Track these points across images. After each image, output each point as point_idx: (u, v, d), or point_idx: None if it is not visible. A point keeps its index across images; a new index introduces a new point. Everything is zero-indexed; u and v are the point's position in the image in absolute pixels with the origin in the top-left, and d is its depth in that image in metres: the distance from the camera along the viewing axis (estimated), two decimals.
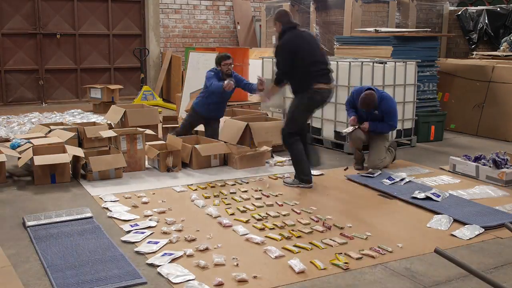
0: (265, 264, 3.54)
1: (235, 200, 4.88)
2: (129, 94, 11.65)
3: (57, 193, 5.06)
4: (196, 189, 5.20)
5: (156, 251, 3.69)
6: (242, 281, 3.27)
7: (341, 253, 3.68)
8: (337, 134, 6.96)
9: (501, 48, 9.48)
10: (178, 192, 5.12)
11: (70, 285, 3.20)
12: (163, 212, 4.52)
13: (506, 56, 8.83)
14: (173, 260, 3.54)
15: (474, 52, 9.93)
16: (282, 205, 4.76)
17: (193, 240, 3.90)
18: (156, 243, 3.82)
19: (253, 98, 9.07)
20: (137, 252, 3.70)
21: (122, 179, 5.49)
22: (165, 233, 4.04)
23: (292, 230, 4.09)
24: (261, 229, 4.14)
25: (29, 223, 4.18)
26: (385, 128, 5.95)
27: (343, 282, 3.30)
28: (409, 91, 7.14)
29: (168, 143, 6.14)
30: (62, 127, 6.65)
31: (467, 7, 11.65)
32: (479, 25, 11.05)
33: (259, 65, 8.16)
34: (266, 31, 11.99)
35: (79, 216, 4.34)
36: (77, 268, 3.41)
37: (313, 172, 5.66)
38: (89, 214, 4.38)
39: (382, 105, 5.82)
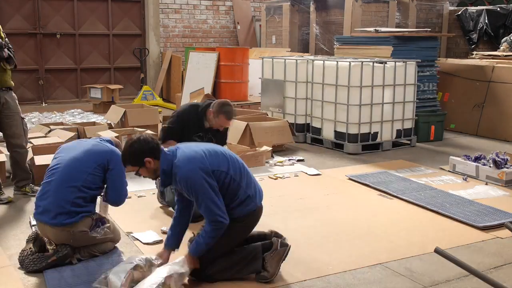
0: None
1: None
2: (129, 94, 11.64)
3: None
4: None
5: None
6: None
7: None
8: (337, 134, 6.95)
9: (501, 48, 9.47)
10: None
11: (62, 286, 3.19)
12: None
13: (506, 56, 8.82)
14: None
15: (474, 52, 9.92)
16: None
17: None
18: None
19: (253, 98, 9.08)
20: (137, 252, 3.70)
21: None
22: (165, 233, 4.03)
23: None
24: None
25: (34, 222, 4.15)
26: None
27: (343, 282, 3.30)
28: (409, 91, 7.13)
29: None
30: (62, 127, 6.65)
31: (467, 7, 11.64)
32: (479, 25, 11.05)
33: (259, 65, 8.16)
34: (266, 31, 11.99)
35: None
36: (75, 270, 3.40)
37: (310, 172, 5.66)
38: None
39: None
